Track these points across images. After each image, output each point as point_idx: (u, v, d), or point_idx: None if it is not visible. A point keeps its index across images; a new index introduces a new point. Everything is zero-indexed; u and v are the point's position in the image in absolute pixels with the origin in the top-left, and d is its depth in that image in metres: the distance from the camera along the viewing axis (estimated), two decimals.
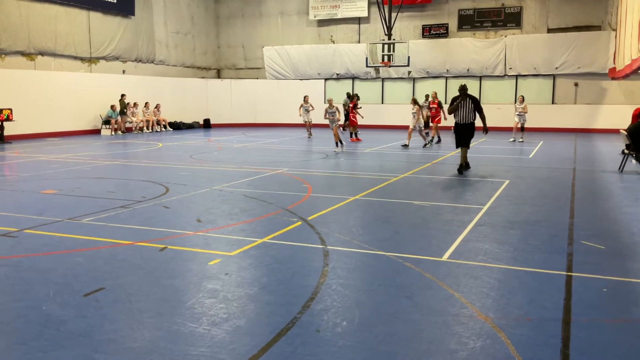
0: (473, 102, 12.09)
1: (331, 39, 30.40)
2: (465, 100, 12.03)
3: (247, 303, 4.71)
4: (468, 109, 12.06)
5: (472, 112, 12.11)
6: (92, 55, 24.64)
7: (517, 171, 12.89)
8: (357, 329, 4.20)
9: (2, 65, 20.92)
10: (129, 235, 6.94)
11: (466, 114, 12.08)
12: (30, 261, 5.92)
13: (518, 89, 27.10)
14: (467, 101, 12.03)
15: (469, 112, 12.07)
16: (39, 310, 4.52)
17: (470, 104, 12.04)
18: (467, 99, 12.04)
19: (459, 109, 12.08)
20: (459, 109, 12.09)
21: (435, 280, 5.25)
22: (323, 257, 5.98)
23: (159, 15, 28.40)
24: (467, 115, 12.10)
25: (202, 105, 30.29)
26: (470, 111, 12.08)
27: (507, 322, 4.31)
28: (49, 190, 10.16)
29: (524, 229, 7.35)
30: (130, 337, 4.05)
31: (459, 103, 12.07)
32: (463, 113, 12.08)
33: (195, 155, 16.06)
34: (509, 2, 26.94)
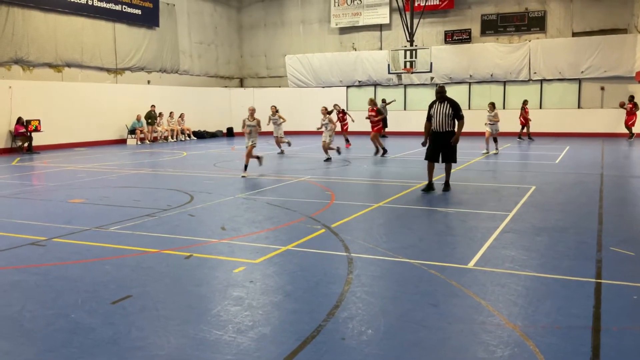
0: (452, 106, 10.29)
1: (353, 46, 30.45)
2: (442, 105, 10.33)
3: (272, 311, 4.72)
4: (445, 115, 10.26)
5: (451, 119, 10.30)
6: (117, 66, 25.06)
7: (544, 177, 12.71)
8: (383, 337, 4.17)
9: (30, 77, 21.40)
10: (155, 244, 7.01)
11: (443, 120, 10.28)
12: (59, 269, 6.02)
13: (543, 93, 26.81)
14: (444, 106, 10.31)
15: (446, 118, 10.26)
16: (68, 318, 4.59)
17: (449, 109, 10.26)
18: (445, 103, 10.32)
19: (435, 114, 10.36)
20: (435, 114, 10.37)
21: (461, 287, 5.20)
22: (347, 264, 5.97)
23: (182, 26, 28.79)
24: (444, 121, 10.28)
25: (225, 114, 30.54)
26: (448, 117, 10.26)
27: (536, 330, 4.25)
28: (77, 200, 10.33)
29: (551, 235, 7.24)
30: (157, 344, 4.08)
31: (435, 108, 10.42)
32: (439, 119, 10.31)
33: (219, 164, 16.19)
34: (533, 6, 26.69)
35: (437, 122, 10.31)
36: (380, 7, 29.19)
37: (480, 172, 14.10)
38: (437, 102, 10.39)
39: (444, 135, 10.33)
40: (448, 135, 10.31)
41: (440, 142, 10.37)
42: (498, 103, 27.44)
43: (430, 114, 10.42)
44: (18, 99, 20.37)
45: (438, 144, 10.41)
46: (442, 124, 10.29)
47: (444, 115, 10.26)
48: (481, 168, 14.86)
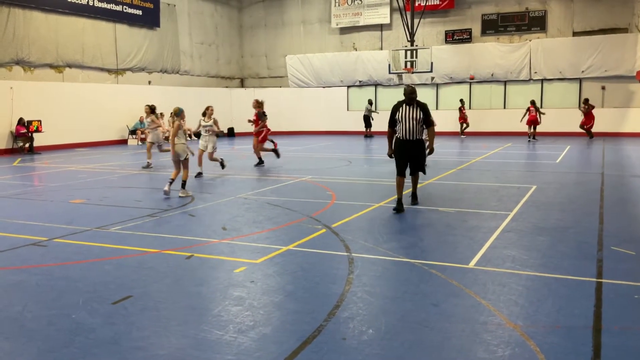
0: (423, 111, 8.76)
1: (353, 46, 30.45)
2: (411, 109, 8.71)
3: (272, 311, 4.72)
4: (415, 120, 8.67)
5: (421, 125, 8.79)
6: (118, 67, 25.08)
7: (544, 176, 12.71)
8: (384, 337, 4.17)
9: (31, 77, 21.41)
10: (156, 244, 7.02)
11: (412, 126, 8.68)
12: (60, 270, 6.03)
13: (544, 93, 26.80)
14: (414, 110, 8.71)
15: (416, 124, 8.69)
16: (69, 318, 4.59)
17: (419, 113, 8.70)
18: (415, 107, 8.73)
19: (403, 120, 8.70)
20: (402, 120, 8.71)
21: (462, 287, 5.20)
22: (348, 264, 5.97)
23: (183, 27, 28.80)
24: (414, 128, 8.69)
25: (226, 115, 30.50)
26: (418, 123, 8.72)
27: (537, 330, 4.25)
28: (78, 200, 10.33)
29: (552, 235, 7.23)
30: (158, 344, 4.09)
31: (403, 112, 8.73)
32: (408, 126, 8.67)
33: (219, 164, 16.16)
34: (533, 6, 26.68)
35: (406, 129, 8.69)
36: (381, 7, 29.19)
37: (480, 171, 14.09)
38: (404, 105, 8.75)
39: (414, 145, 8.79)
40: (417, 144, 8.83)
41: (409, 152, 8.81)
42: (498, 103, 27.47)
43: (396, 119, 8.77)
44: (19, 99, 20.39)
45: (406, 154, 8.83)
46: (412, 131, 8.70)
47: (413, 120, 8.67)
48: (482, 168, 14.85)
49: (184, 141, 10.88)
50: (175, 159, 10.66)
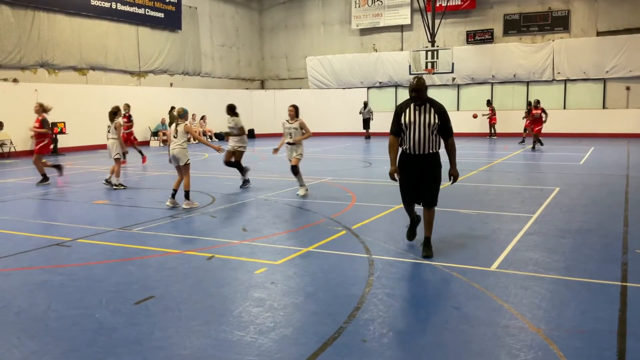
0: (439, 114, 6.17)
1: (374, 47, 30.39)
2: (422, 111, 6.17)
3: (293, 312, 4.73)
4: (427, 127, 6.14)
5: (435, 135, 6.21)
6: (140, 69, 25.36)
7: (568, 178, 12.54)
8: (404, 340, 4.15)
9: (55, 80, 21.76)
10: (178, 245, 7.08)
11: (424, 135, 6.15)
12: (84, 270, 6.11)
13: (567, 93, 26.47)
14: (426, 112, 6.16)
15: (429, 133, 6.15)
16: (92, 317, 4.65)
17: (434, 117, 6.14)
18: (427, 108, 6.17)
19: (410, 126, 6.18)
20: (409, 126, 6.19)
21: (484, 290, 5.15)
22: (368, 266, 5.96)
23: (204, 29, 29.02)
24: (426, 138, 6.17)
25: (246, 116, 30.42)
26: (432, 131, 6.16)
27: (560, 333, 4.19)
28: (101, 201, 10.47)
29: (576, 237, 7.14)
30: (180, 344, 4.12)
31: (410, 115, 6.21)
32: (417, 135, 6.15)
33: None
34: (556, 5, 26.37)
35: (414, 140, 6.16)
36: (402, 7, 29.09)
37: (503, 173, 13.96)
38: (412, 106, 6.22)
39: (424, 161, 6.25)
40: (431, 161, 6.28)
41: (419, 171, 6.30)
42: (521, 103, 27.17)
43: (401, 124, 6.23)
44: (44, 101, 20.66)
45: (415, 175, 6.33)
46: (423, 142, 6.16)
47: (425, 126, 6.13)
48: (504, 169, 14.71)
49: (183, 144, 9.79)
50: (174, 164, 9.72)
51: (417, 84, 6.17)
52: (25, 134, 20.61)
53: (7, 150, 20.10)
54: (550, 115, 26.35)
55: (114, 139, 12.06)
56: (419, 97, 6.18)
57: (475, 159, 17.28)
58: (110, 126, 12.13)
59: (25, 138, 20.70)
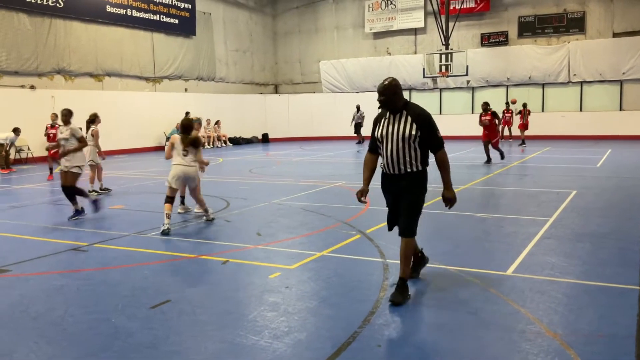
0: (418, 123, 4.98)
1: (387, 50, 30.37)
2: (396, 121, 5.05)
3: (307, 316, 4.72)
4: (402, 141, 5.00)
5: (414, 149, 5.02)
6: (156, 75, 25.58)
7: (585, 181, 12.41)
8: (419, 345, 4.13)
9: (72, 86, 22.01)
10: (193, 249, 7.11)
11: (396, 151, 5.04)
12: (100, 274, 6.16)
13: (583, 95, 26.23)
14: (400, 122, 5.02)
15: (403, 147, 5.01)
16: (109, 322, 4.68)
17: (410, 128, 4.97)
18: (403, 116, 5.03)
19: (383, 140, 5.12)
20: (382, 140, 5.14)
21: (500, 295, 5.11)
22: (383, 270, 5.94)
23: (218, 35, 29.21)
24: (399, 154, 5.04)
25: (260, 121, 30.82)
26: (408, 145, 5.00)
27: (577, 338, 4.14)
28: (117, 206, 10.55)
29: (593, 241, 7.06)
30: (195, 349, 4.13)
31: (383, 126, 5.15)
32: (390, 150, 5.07)
33: (254, 170, 16.33)
34: (572, 7, 26.16)
35: (387, 155, 5.10)
36: (415, 11, 29.05)
37: (518, 176, 13.86)
38: (386, 116, 5.18)
39: (402, 182, 5.13)
40: (407, 182, 5.10)
41: (396, 195, 5.26)
42: (537, 106, 26.96)
43: (376, 137, 5.21)
44: (60, 108, 20.86)
45: (394, 198, 5.33)
46: (397, 159, 5.05)
47: (399, 139, 5.00)
48: (519, 172, 14.61)
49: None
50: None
51: (382, 86, 5.07)
52: (43, 139, 20.86)
53: (24, 156, 20.35)
54: (567, 117, 26.28)
55: (91, 145, 12.20)
56: (386, 103, 5.06)
57: (491, 162, 17.16)
58: (87, 133, 12.41)
59: (44, 143, 20.93)
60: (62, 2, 20.96)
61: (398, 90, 5.06)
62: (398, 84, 5.10)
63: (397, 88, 5.06)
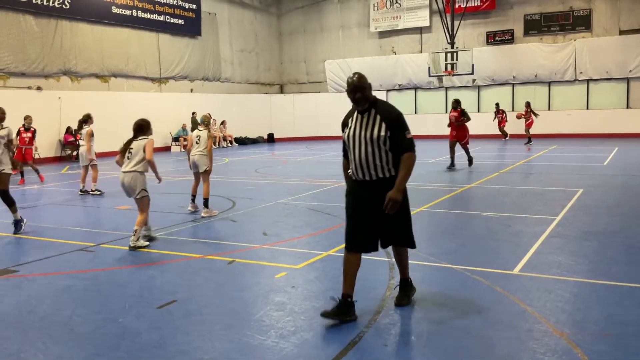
0: (387, 122, 4.49)
1: (392, 49, 30.33)
2: (363, 120, 4.59)
3: (313, 316, 4.72)
4: (371, 143, 4.51)
5: (386, 152, 4.50)
6: (161, 76, 25.64)
7: (591, 179, 12.36)
8: (426, 345, 4.13)
9: (78, 87, 22.10)
10: (199, 249, 7.13)
11: (365, 155, 4.54)
12: (107, 275, 6.18)
13: (590, 93, 26.11)
14: (368, 120, 4.55)
15: (373, 150, 4.51)
16: (116, 322, 4.70)
17: (379, 127, 4.49)
18: (372, 115, 4.55)
19: (350, 142, 4.65)
20: (349, 142, 4.67)
21: (507, 294, 5.10)
22: (389, 270, 5.94)
23: (224, 35, 29.26)
24: (369, 159, 4.54)
25: (266, 120, 30.86)
26: (378, 148, 4.50)
27: (584, 337, 4.13)
28: (124, 206, 10.58)
29: (600, 240, 7.03)
30: (202, 348, 4.15)
31: (352, 127, 4.65)
32: (358, 153, 4.58)
33: (260, 170, 16.35)
34: (577, 5, 26.05)
35: (356, 159, 4.60)
36: (420, 9, 29.00)
37: (525, 174, 13.82)
38: (354, 115, 4.68)
39: (375, 190, 4.56)
40: (383, 190, 4.50)
41: (372, 202, 4.57)
42: (543, 104, 26.87)
43: (344, 141, 4.79)
44: (67, 109, 21.04)
45: (368, 207, 4.60)
46: (367, 164, 4.55)
47: (367, 141, 4.52)
48: (526, 171, 14.56)
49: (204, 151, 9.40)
50: (194, 170, 9.58)
51: (356, 80, 4.55)
52: (50, 140, 20.97)
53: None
54: (572, 115, 26.15)
55: (84, 146, 12.51)
56: (364, 100, 4.52)
57: (497, 161, 17.13)
58: (82, 133, 12.49)
59: (50, 144, 21.05)
60: (68, 4, 21.05)
61: (369, 85, 4.63)
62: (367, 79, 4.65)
63: (368, 82, 4.63)
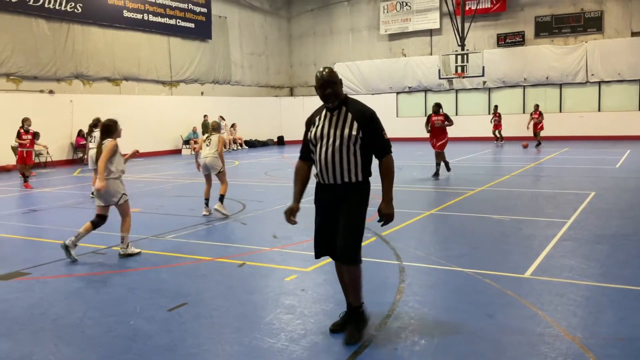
0: (360, 122, 4.13)
1: (402, 52, 30.29)
2: (332, 118, 4.19)
3: (323, 319, 4.72)
4: (341, 143, 4.12)
5: (354, 154, 4.16)
6: (172, 79, 25.78)
7: (603, 182, 12.26)
8: (436, 349, 4.11)
9: (90, 91, 22.26)
10: (209, 252, 7.15)
11: (332, 157, 4.16)
12: (119, 277, 6.22)
13: (601, 95, 25.93)
14: (340, 119, 4.16)
15: (342, 151, 4.14)
16: (127, 324, 4.72)
17: (350, 127, 4.11)
18: (343, 113, 4.17)
19: (318, 142, 4.24)
20: (317, 142, 4.25)
21: (518, 298, 5.07)
22: (399, 273, 5.92)
23: (234, 38, 29.37)
24: (337, 161, 4.18)
25: (275, 123, 30.93)
26: (347, 149, 4.13)
27: (596, 342, 4.09)
28: (135, 209, 10.61)
29: (612, 243, 6.97)
30: (212, 351, 4.16)
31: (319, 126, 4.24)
32: (325, 155, 4.20)
33: (270, 172, 16.38)
34: (589, 6, 25.90)
35: (322, 161, 4.23)
36: (430, 12, 28.95)
37: (536, 177, 13.74)
38: (323, 113, 4.27)
39: (339, 194, 4.35)
40: (347, 194, 4.33)
41: (332, 210, 4.43)
42: (554, 106, 26.72)
43: (310, 139, 4.31)
44: (79, 112, 21.20)
45: (331, 211, 4.46)
46: (333, 166, 4.19)
47: (337, 141, 4.13)
48: (537, 173, 14.48)
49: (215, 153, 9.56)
50: (204, 172, 9.68)
51: (327, 75, 4.12)
52: (61, 143, 21.14)
53: (43, 159, 20.60)
54: (585, 117, 26.00)
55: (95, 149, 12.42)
56: (334, 95, 4.11)
57: (509, 163, 17.05)
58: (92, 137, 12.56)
59: (62, 147, 21.22)
60: (80, 8, 21.22)
61: (340, 81, 4.19)
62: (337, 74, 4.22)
63: (339, 78, 4.19)
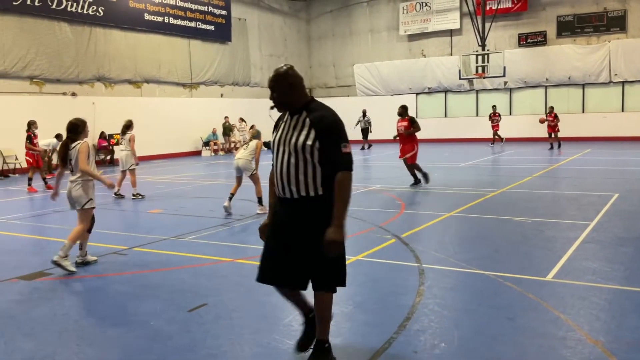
0: (317, 128, 3.51)
1: (422, 52, 30.15)
2: (292, 123, 3.66)
3: (342, 322, 4.72)
4: (296, 152, 3.55)
5: (312, 164, 3.54)
6: (192, 81, 25.97)
7: (628, 184, 12.07)
8: (456, 351, 4.08)
9: (112, 93, 22.53)
10: (229, 253, 7.18)
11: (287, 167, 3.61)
12: (139, 278, 6.28)
13: (625, 95, 25.53)
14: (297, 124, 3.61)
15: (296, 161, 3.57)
16: (148, 325, 4.77)
17: (306, 134, 3.54)
18: (302, 118, 3.60)
19: (274, 149, 3.80)
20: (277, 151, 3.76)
21: (539, 301, 5.01)
22: (418, 275, 5.89)
23: (253, 40, 29.49)
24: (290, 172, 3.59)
25: None
26: (301, 158, 3.55)
27: (620, 346, 4.03)
28: (156, 210, 10.75)
29: (636, 246, 6.85)
30: (232, 352, 4.18)
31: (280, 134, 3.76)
32: (282, 163, 3.66)
33: None
34: (612, 5, 25.51)
35: (279, 170, 3.72)
36: (450, 12, 28.77)
37: (558, 179, 13.57)
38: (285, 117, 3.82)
39: (296, 209, 3.68)
40: (305, 209, 3.64)
41: (289, 226, 3.72)
42: (577, 107, 26.38)
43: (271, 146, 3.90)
44: (101, 114, 21.46)
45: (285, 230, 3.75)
46: (287, 177, 3.64)
47: (292, 150, 3.60)
48: (559, 175, 14.30)
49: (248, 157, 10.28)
50: (237, 174, 10.07)
51: (273, 76, 3.76)
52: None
53: None
54: (608, 118, 25.59)
55: (127, 150, 12.67)
56: (280, 100, 3.74)
57: (530, 165, 16.87)
58: (124, 139, 12.70)
59: None
60: (101, 11, 21.50)
61: (296, 82, 3.66)
62: (296, 74, 3.70)
63: (294, 78, 3.66)
